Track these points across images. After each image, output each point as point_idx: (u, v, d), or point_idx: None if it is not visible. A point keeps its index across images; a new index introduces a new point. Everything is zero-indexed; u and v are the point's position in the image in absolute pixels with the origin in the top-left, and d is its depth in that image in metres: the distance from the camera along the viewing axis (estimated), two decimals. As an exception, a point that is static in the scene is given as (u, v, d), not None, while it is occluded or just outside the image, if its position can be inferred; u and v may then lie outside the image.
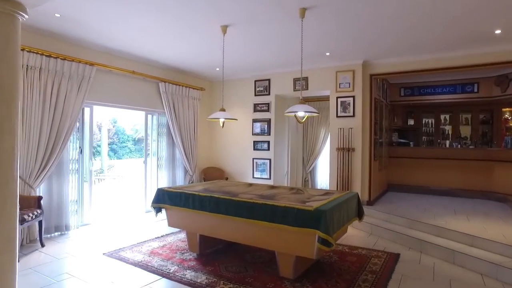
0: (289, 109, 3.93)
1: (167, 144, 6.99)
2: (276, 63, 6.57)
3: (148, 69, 6.50)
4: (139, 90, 6.41)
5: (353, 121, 6.29)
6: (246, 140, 7.66)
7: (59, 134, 4.94)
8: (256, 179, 7.39)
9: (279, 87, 7.21)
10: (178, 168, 7.22)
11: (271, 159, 7.26)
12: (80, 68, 5.18)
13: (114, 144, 24.47)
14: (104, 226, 5.63)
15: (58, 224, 5.06)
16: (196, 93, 7.51)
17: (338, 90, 6.46)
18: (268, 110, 7.30)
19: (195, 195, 3.91)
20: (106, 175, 13.46)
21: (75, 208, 5.42)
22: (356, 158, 6.29)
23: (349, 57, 6.06)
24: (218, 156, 8.20)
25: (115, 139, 24.49)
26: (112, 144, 24.24)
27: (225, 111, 4.54)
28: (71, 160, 5.32)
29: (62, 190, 5.10)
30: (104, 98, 5.80)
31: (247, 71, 7.27)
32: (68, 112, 5.03)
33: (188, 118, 7.25)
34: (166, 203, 4.17)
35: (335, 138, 6.51)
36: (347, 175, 6.33)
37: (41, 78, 4.74)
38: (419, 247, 4.39)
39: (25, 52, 4.53)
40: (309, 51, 5.61)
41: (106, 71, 5.74)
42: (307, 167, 9.50)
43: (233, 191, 4.22)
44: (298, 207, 3.17)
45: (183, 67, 6.90)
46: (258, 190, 4.43)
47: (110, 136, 23.91)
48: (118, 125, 25.07)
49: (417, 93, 8.03)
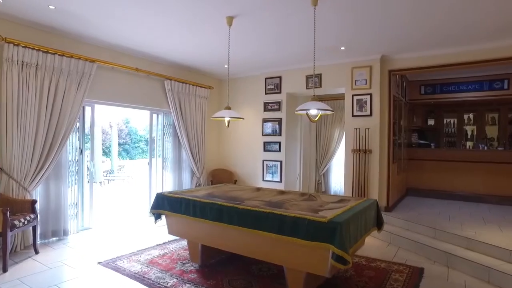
0: (301, 106, 3.54)
1: (173, 145, 6.68)
2: (287, 59, 6.18)
3: (152, 66, 6.21)
4: (143, 88, 6.12)
5: (370, 121, 5.85)
6: (256, 141, 7.30)
7: (57, 134, 4.68)
8: (267, 182, 7.01)
9: (290, 84, 6.82)
10: (184, 170, 6.90)
11: (282, 161, 6.88)
12: (79, 65, 4.91)
13: (127, 144, 24.59)
14: (105, 230, 5.35)
15: (56, 229, 4.80)
16: (204, 91, 7.18)
17: (354, 87, 6.02)
18: (279, 109, 6.91)
19: (196, 202, 3.56)
20: (116, 176, 13.31)
21: (74, 212, 5.15)
22: (373, 160, 5.84)
23: (366, 52, 5.62)
24: (226, 158, 7.86)
25: (128, 139, 24.60)
26: (124, 145, 24.36)
27: (231, 109, 4.17)
28: (71, 161, 5.06)
29: (60, 193, 4.84)
30: (106, 97, 5.52)
31: (257, 68, 6.90)
32: (67, 111, 4.77)
33: (195, 118, 6.93)
34: (166, 209, 3.84)
35: (350, 139, 6.07)
36: (363, 179, 5.89)
37: (38, 75, 4.48)
38: (445, 261, 3.93)
39: (20, 48, 4.28)
40: (322, 45, 5.21)
41: (107, 68, 5.47)
42: (320, 170, 9.09)
43: (238, 197, 3.86)
44: (309, 218, 2.77)
45: (190, 64, 6.58)
46: (266, 195, 4.05)
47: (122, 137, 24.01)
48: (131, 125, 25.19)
49: (438, 91, 7.50)
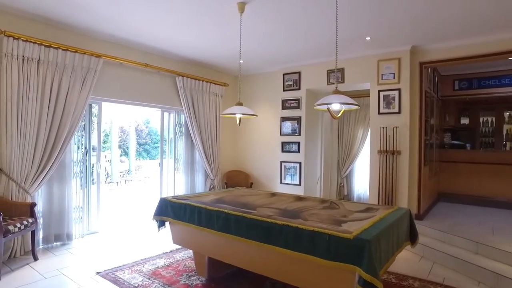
0: (321, 100, 3.08)
1: (186, 145, 6.34)
2: (307, 52, 5.71)
3: (163, 61, 5.89)
4: (153, 85, 5.80)
5: (399, 119, 5.29)
6: (273, 141, 6.86)
7: (60, 133, 4.41)
8: (285, 184, 6.56)
9: (310, 80, 6.34)
10: (197, 172, 6.55)
11: (301, 162, 6.40)
12: (84, 60, 4.63)
13: (147, 144, 24.76)
14: (112, 235, 5.06)
15: (59, 233, 4.53)
16: (218, 88, 6.81)
17: (380, 82, 5.48)
18: (298, 107, 6.45)
19: (201, 209, 3.16)
20: (133, 176, 13.18)
21: (79, 215, 4.88)
22: (402, 162, 5.28)
23: (394, 42, 5.07)
24: (242, 159, 7.46)
25: (148, 139, 24.76)
26: (145, 145, 24.52)
27: (242, 105, 3.75)
28: (76, 162, 4.79)
29: (63, 195, 4.57)
30: (114, 94, 5.23)
31: (274, 63, 6.46)
32: (70, 109, 4.49)
33: (209, 117, 6.56)
34: (169, 216, 3.47)
35: (376, 138, 5.53)
36: (391, 183, 5.33)
37: (40, 71, 4.22)
38: (493, 282, 3.36)
39: (20, 42, 4.02)
40: (345, 36, 4.72)
41: (115, 64, 5.17)
42: (343, 172, 8.56)
43: (250, 203, 3.44)
44: (331, 233, 2.31)
45: (203, 59, 6.22)
46: (282, 202, 3.61)
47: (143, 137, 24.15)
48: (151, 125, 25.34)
49: (476, 85, 6.81)
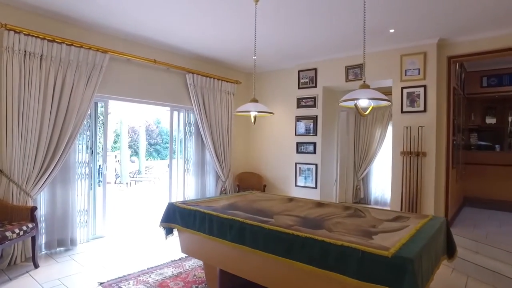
0: (347, 96, 2.76)
1: (196, 145, 6.06)
2: (324, 47, 5.37)
3: (172, 58, 5.61)
4: (162, 82, 5.54)
5: (425, 118, 4.91)
6: (288, 141, 6.54)
7: (64, 133, 4.17)
8: (300, 187, 6.22)
9: (327, 77, 5.99)
10: (208, 174, 6.26)
11: (317, 164, 6.06)
12: (90, 56, 4.38)
13: (158, 144, 24.74)
14: (119, 240, 4.80)
15: (62, 238, 4.29)
16: (230, 86, 6.51)
17: (404, 78, 5.10)
18: (314, 105, 6.10)
19: (212, 216, 2.86)
20: (143, 177, 13.01)
21: (84, 219, 4.64)
22: (428, 164, 4.89)
23: (420, 35, 4.70)
24: (255, 160, 7.15)
25: (159, 139, 24.73)
26: (155, 145, 24.50)
27: (258, 102, 3.44)
28: (80, 163, 4.55)
29: (67, 198, 4.33)
30: (121, 92, 4.98)
31: (289, 59, 6.13)
32: (75, 107, 4.25)
33: (220, 116, 6.27)
34: (177, 223, 3.17)
35: (399, 139, 5.15)
36: (415, 187, 4.95)
37: (42, 67, 3.98)
38: (540, 301, 2.98)
39: (22, 36, 3.79)
40: (367, 28, 4.35)
41: (122, 60, 4.92)
42: (359, 174, 8.20)
43: (266, 210, 3.12)
44: (364, 249, 1.98)
45: (215, 55, 5.93)
46: (300, 209, 3.29)
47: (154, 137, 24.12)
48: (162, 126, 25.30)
49: (507, 82, 6.35)
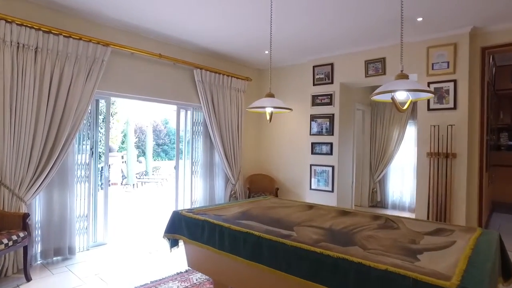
0: (382, 87, 2.35)
1: (204, 145, 5.69)
2: (342, 39, 4.96)
3: (179, 52, 5.25)
4: (168, 78, 5.18)
5: (455, 116, 4.46)
6: (302, 141, 6.13)
7: (61, 132, 3.83)
8: (315, 190, 5.81)
9: (345, 72, 5.57)
10: (217, 176, 5.89)
11: (334, 166, 5.64)
12: (90, 49, 4.04)
13: (166, 145, 24.56)
14: (121, 248, 4.45)
15: (59, 247, 3.95)
16: (241, 83, 6.13)
17: (431, 73, 4.66)
18: (330, 103, 5.69)
19: (224, 228, 2.47)
20: (150, 178, 12.71)
21: (84, 225, 4.30)
22: (458, 167, 4.44)
23: (450, 24, 4.26)
24: (266, 161, 6.76)
25: (167, 140, 24.54)
26: (163, 145, 24.32)
27: (274, 97, 3.04)
28: (80, 164, 4.21)
29: (65, 203, 3.99)
30: (124, 88, 4.63)
31: (303, 54, 5.73)
32: (73, 104, 3.91)
33: (230, 114, 5.89)
34: (184, 235, 2.79)
35: (425, 139, 4.72)
36: (444, 191, 4.50)
37: (37, 60, 3.65)
38: None
39: (14, 26, 3.46)
40: (392, 16, 3.95)
41: (125, 54, 4.58)
42: (375, 176, 7.76)
43: (284, 220, 2.73)
44: (416, 276, 1.57)
45: (224, 50, 5.55)
46: (323, 218, 2.89)
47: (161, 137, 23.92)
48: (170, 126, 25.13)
49: (542, 77, 5.87)
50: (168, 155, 24.24)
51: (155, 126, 22.53)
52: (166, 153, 24.28)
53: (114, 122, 14.20)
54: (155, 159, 20.58)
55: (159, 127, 23.46)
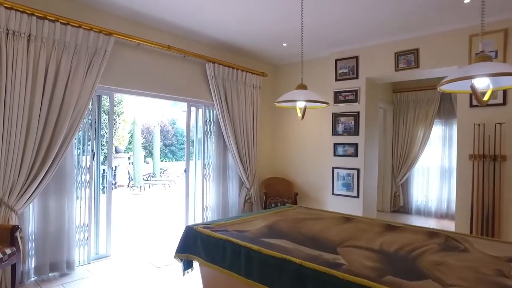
0: (461, 72, 1.82)
1: (217, 146, 5.20)
2: (369, 29, 4.43)
3: (190, 44, 4.78)
4: (178, 72, 4.70)
5: (504, 112, 3.90)
6: (323, 142, 5.61)
7: (58, 132, 3.37)
8: (338, 196, 5.29)
9: (372, 66, 5.04)
10: (231, 180, 5.40)
11: (360, 169, 5.11)
12: (91, 38, 3.57)
13: (173, 145, 24.21)
14: (126, 261, 3.98)
15: (56, 261, 3.48)
16: (256, 79, 5.63)
17: (474, 64, 4.12)
18: (355, 100, 5.16)
19: (252, 252, 1.98)
20: (158, 180, 12.28)
21: (84, 236, 3.84)
22: (509, 171, 3.88)
23: (500, 7, 3.72)
24: (283, 163, 6.24)
25: (174, 140, 24.19)
26: (171, 146, 23.97)
27: (307, 89, 2.54)
28: (80, 168, 3.75)
29: (63, 211, 3.52)
30: (129, 83, 4.17)
31: (324, 46, 5.21)
32: (72, 100, 3.44)
33: (244, 112, 5.39)
34: (200, 256, 2.30)
35: (467, 139, 4.17)
36: (491, 199, 3.95)
37: (30, 50, 3.19)
38: None
39: (3, 9, 3.00)
40: (430, 2, 3.43)
41: (130, 45, 4.11)
42: (398, 179, 7.21)
43: (321, 237, 2.24)
44: None
45: (238, 42, 5.06)
46: (367, 235, 2.38)
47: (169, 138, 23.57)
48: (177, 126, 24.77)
49: None
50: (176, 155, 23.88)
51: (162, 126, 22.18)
52: (173, 153, 23.92)
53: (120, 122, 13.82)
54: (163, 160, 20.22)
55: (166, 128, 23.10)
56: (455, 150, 6.68)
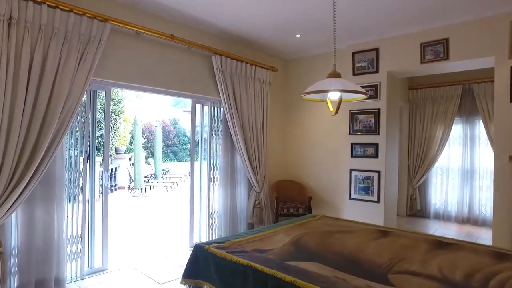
0: None
1: (225, 147, 4.76)
2: (392, 19, 4.00)
3: (195, 34, 4.34)
4: (182, 65, 4.27)
5: (551, 108, 3.47)
6: (339, 142, 5.17)
7: (45, 131, 2.93)
8: (356, 200, 4.85)
9: (394, 59, 4.60)
10: (239, 183, 4.95)
11: (381, 172, 4.67)
12: (83, 24, 3.14)
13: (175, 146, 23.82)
14: (124, 275, 3.54)
15: (43, 278, 3.04)
16: (266, 74, 5.19)
17: (514, 54, 3.67)
18: (375, 95, 4.72)
19: (283, 283, 1.53)
20: (160, 182, 11.85)
21: (77, 248, 3.40)
22: (556, 175, 3.44)
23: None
24: (296, 165, 5.79)
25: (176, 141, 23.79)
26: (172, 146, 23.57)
27: (341, 78, 2.10)
28: (72, 171, 3.32)
29: (51, 221, 3.09)
30: (128, 77, 3.73)
31: (340, 37, 4.77)
32: (61, 94, 3.00)
33: (254, 110, 4.95)
34: (213, 283, 1.86)
35: (506, 139, 3.72)
36: (534, 205, 3.50)
37: (12, 35, 2.74)
38: None
39: (-20, -12, 2.57)
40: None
41: (129, 34, 3.68)
42: (414, 181, 6.77)
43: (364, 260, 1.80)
44: None
45: (248, 32, 4.62)
46: (417, 254, 1.95)
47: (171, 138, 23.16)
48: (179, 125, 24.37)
49: None
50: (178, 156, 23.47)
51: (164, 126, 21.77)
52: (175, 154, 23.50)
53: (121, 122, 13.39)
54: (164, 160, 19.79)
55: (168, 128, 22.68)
56: (477, 150, 6.28)
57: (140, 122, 11.22)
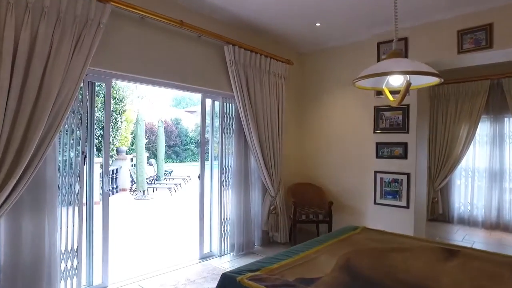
0: None
1: (238, 147, 4.30)
2: (422, 2, 3.54)
3: (206, 21, 3.89)
4: (191, 56, 3.81)
5: None
6: (363, 141, 4.70)
7: (33, 129, 2.47)
8: (382, 206, 4.39)
9: (425, 49, 4.13)
10: (253, 186, 4.50)
11: (410, 174, 4.20)
12: (79, 4, 2.68)
13: (177, 146, 23.41)
14: (127, 295, 3.10)
15: (33, 302, 2.60)
16: (281, 67, 4.73)
17: None
18: (405, 89, 4.25)
19: None
20: (163, 183, 11.40)
21: (73, 264, 2.94)
22: None
23: None
24: (313, 167, 5.31)
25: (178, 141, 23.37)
26: (174, 147, 23.15)
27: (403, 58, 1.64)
28: (66, 176, 2.87)
29: (42, 233, 2.63)
30: (130, 67, 3.28)
31: (364, 26, 4.32)
32: (53, 86, 2.55)
33: (269, 106, 4.49)
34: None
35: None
36: None
37: (-5, 14, 2.31)
38: None
39: (-46, -45, 2.12)
40: None
41: (132, 18, 3.23)
42: (436, 183, 6.31)
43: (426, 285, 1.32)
44: None
45: (262, 22, 4.17)
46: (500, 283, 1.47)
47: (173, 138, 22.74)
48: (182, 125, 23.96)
49: None
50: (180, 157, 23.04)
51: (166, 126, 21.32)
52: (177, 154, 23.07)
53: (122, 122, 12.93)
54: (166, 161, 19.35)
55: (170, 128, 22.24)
56: (507, 150, 5.82)
57: (143, 121, 10.75)
